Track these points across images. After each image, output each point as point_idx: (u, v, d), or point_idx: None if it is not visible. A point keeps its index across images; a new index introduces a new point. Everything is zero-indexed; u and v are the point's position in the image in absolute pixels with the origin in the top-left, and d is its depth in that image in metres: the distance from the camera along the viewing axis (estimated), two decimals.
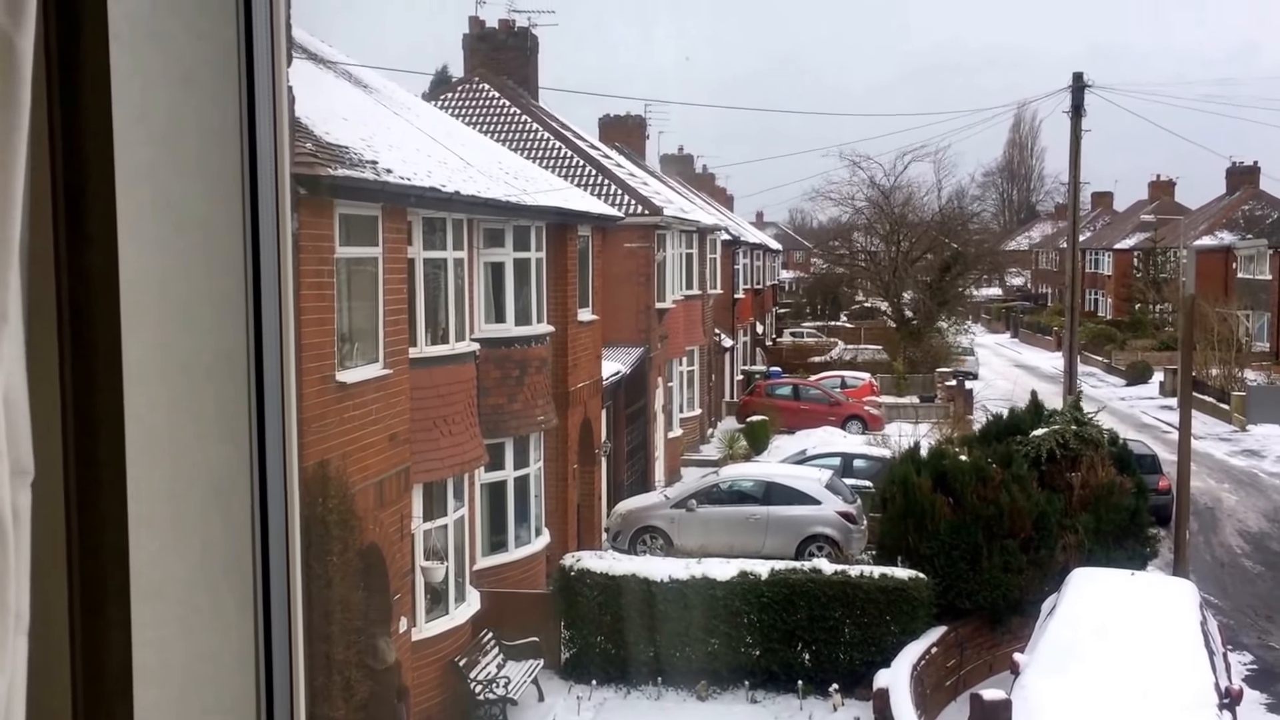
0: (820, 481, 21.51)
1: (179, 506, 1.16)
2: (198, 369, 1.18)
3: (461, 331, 15.21)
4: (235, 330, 1.22)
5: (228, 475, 1.21)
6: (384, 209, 12.59)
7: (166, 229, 1.14)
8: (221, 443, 1.21)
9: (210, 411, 1.19)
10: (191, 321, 1.17)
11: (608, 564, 16.77)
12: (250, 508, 1.24)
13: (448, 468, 14.52)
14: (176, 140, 1.16)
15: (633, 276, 25.79)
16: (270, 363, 1.25)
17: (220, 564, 1.21)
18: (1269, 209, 69.32)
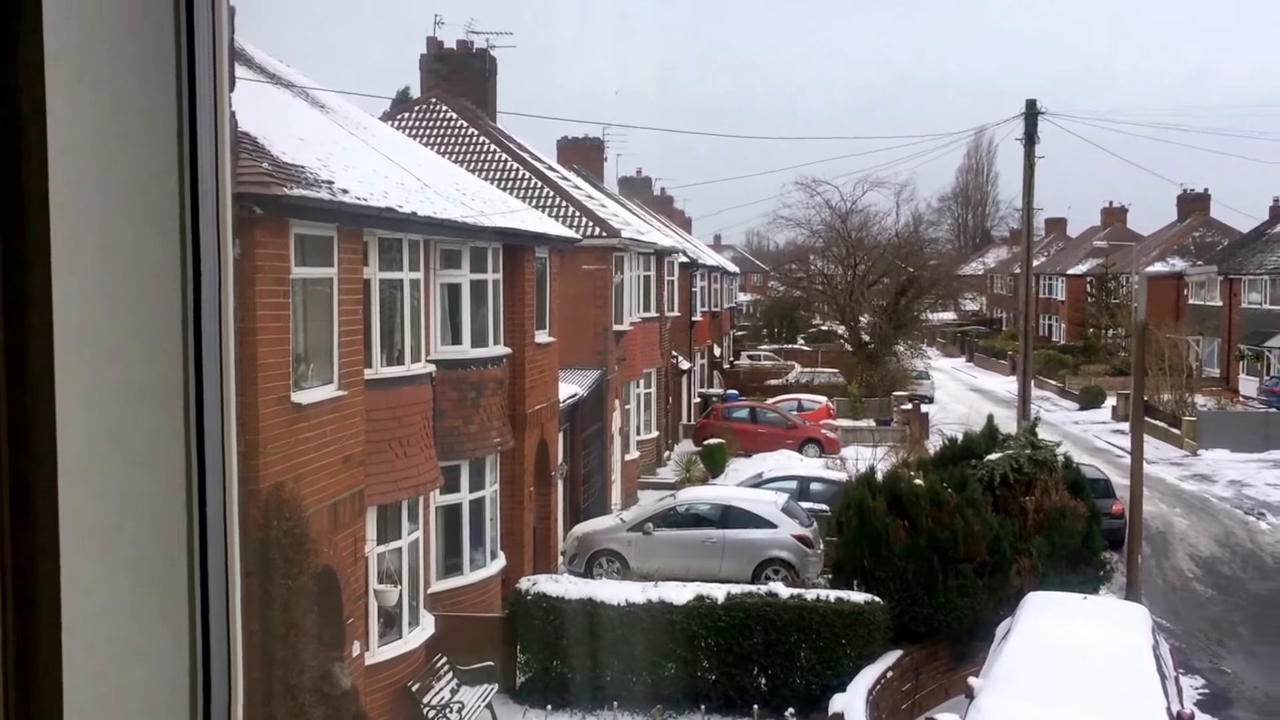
0: (777, 505, 21.55)
1: (112, 536, 1.13)
2: (134, 396, 1.16)
3: (417, 353, 15.12)
4: (172, 357, 1.20)
5: (164, 504, 1.20)
6: (340, 229, 12.50)
7: (102, 255, 1.12)
8: (158, 471, 1.19)
9: (146, 439, 1.17)
10: (128, 349, 1.15)
11: (563, 587, 16.67)
12: (188, 537, 1.22)
13: (403, 490, 14.39)
14: (114, 166, 1.14)
15: (590, 298, 25.78)
16: (210, 388, 1.24)
17: (155, 595, 1.19)
18: (1219, 236, 70.60)
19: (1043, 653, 13.50)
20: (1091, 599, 16.30)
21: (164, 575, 1.20)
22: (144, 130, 1.18)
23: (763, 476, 26.38)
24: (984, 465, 19.66)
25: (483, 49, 28.61)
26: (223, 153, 1.27)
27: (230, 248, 1.31)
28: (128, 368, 1.15)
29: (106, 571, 1.12)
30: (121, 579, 1.14)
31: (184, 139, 1.21)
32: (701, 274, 47.31)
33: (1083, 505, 19.22)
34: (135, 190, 1.17)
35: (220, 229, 1.27)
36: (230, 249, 1.31)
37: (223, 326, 1.27)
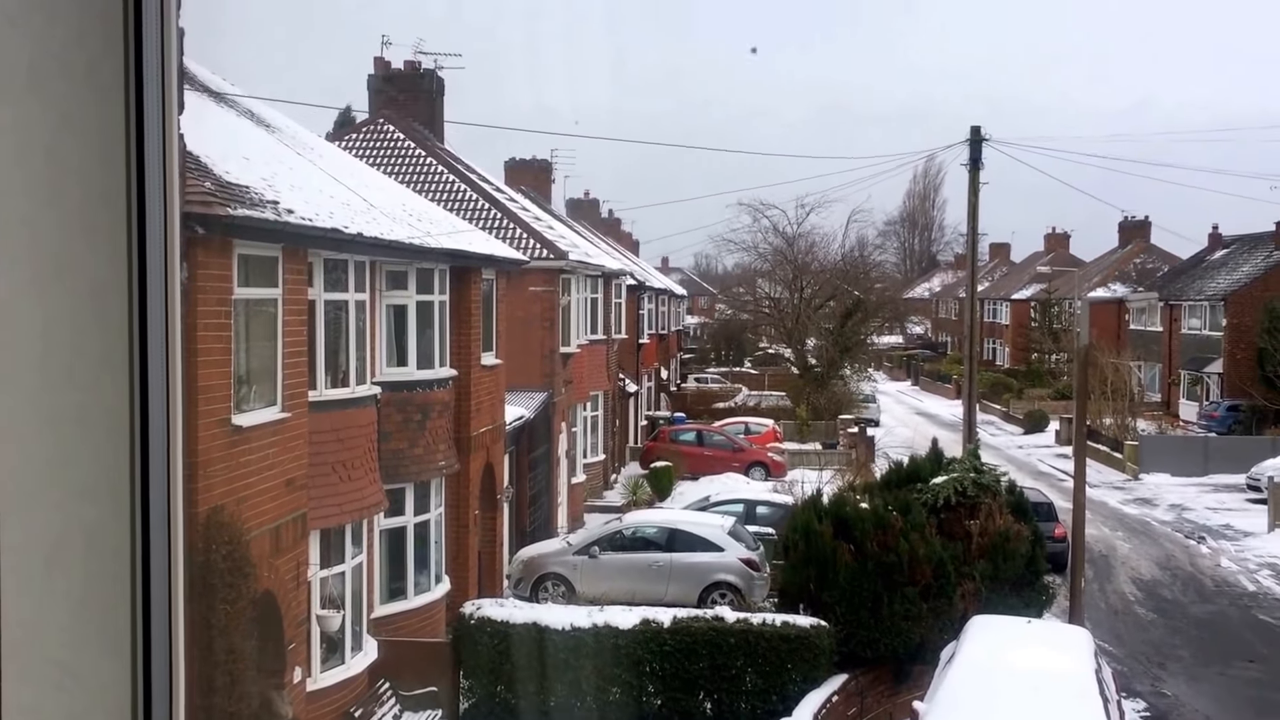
0: (723, 528, 21.54)
1: (51, 566, 1.11)
2: (77, 423, 1.14)
3: (362, 375, 14.96)
4: (118, 382, 1.18)
5: (106, 532, 1.17)
6: (284, 250, 12.35)
7: (46, 279, 1.10)
8: (101, 499, 1.17)
9: (89, 466, 1.15)
10: (71, 374, 1.13)
11: (508, 612, 16.52)
12: (131, 565, 1.20)
13: (346, 513, 14.20)
14: (58, 189, 1.12)
15: (537, 320, 25.72)
16: (156, 413, 1.22)
17: (96, 624, 1.16)
18: (1160, 262, 72.01)
19: (986, 677, 13.57)
20: (1035, 622, 16.44)
21: (105, 604, 1.18)
22: (93, 150, 1.16)
23: (709, 500, 26.38)
24: (929, 489, 19.81)
25: (430, 70, 28.53)
26: (171, 174, 1.26)
27: (178, 270, 1.30)
28: (71, 394, 1.13)
29: (44, 602, 1.10)
30: (59, 609, 1.12)
31: (131, 160, 1.20)
32: (649, 296, 47.40)
33: (1026, 529, 19.41)
34: (82, 210, 1.15)
35: (168, 252, 1.26)
36: (178, 271, 1.30)
37: (170, 351, 1.26)
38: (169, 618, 1.27)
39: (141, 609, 1.21)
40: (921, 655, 17.13)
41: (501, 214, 26.29)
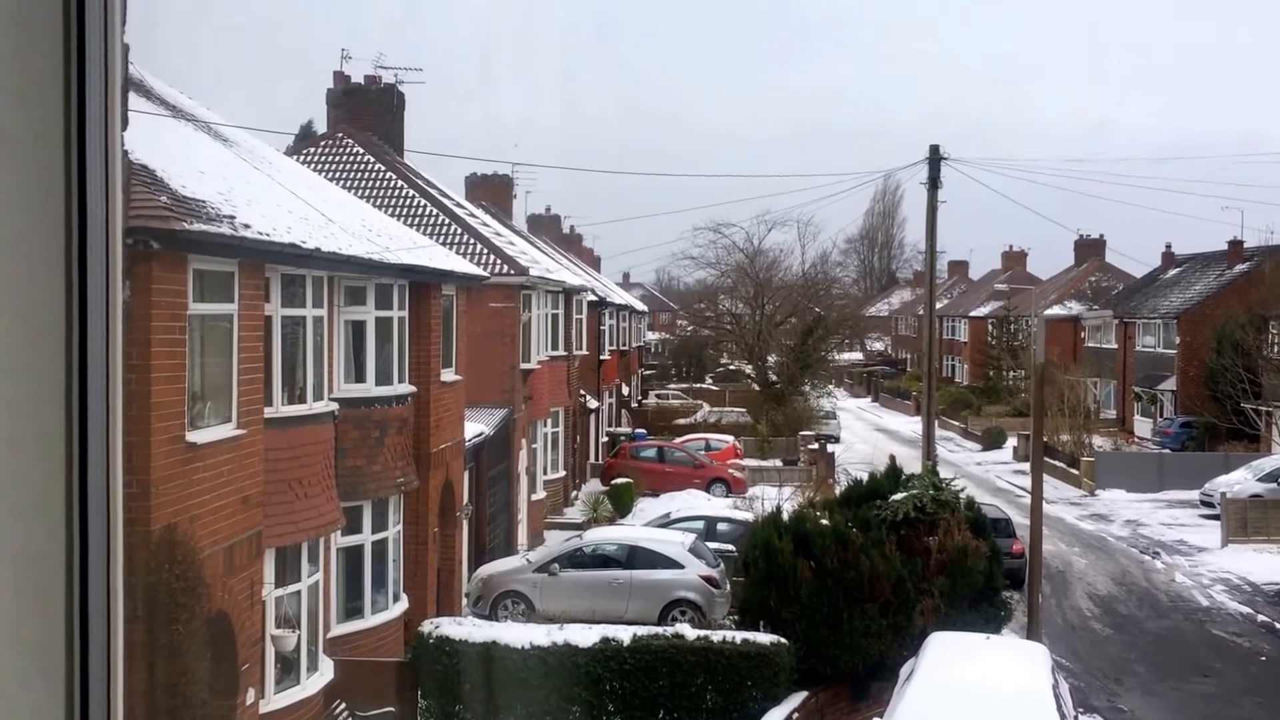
0: (684, 545, 21.51)
1: None
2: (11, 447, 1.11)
3: (320, 391, 14.81)
4: (55, 406, 1.15)
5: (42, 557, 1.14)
6: (241, 265, 12.22)
7: None
8: (35, 524, 1.13)
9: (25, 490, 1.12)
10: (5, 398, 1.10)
11: (467, 630, 16.39)
12: (67, 590, 1.16)
13: (302, 531, 14.03)
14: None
15: (498, 336, 25.61)
16: (95, 434, 1.18)
17: (30, 652, 1.12)
18: (1114, 280, 72.97)
19: (945, 693, 13.61)
20: (993, 638, 16.51)
21: (40, 631, 1.15)
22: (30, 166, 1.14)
23: (670, 516, 26.34)
24: (888, 505, 19.88)
25: (391, 84, 28.42)
26: (114, 190, 1.23)
27: (120, 288, 1.26)
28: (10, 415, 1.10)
29: None
30: None
31: (73, 176, 1.17)
32: (610, 312, 47.39)
33: (984, 545, 19.52)
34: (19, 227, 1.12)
35: (110, 269, 1.22)
36: (120, 290, 1.26)
37: (110, 370, 1.21)
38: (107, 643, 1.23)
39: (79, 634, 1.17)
40: (881, 672, 17.16)
41: (462, 229, 26.20)
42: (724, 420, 53.68)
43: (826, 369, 60.41)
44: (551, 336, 30.90)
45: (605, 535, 23.16)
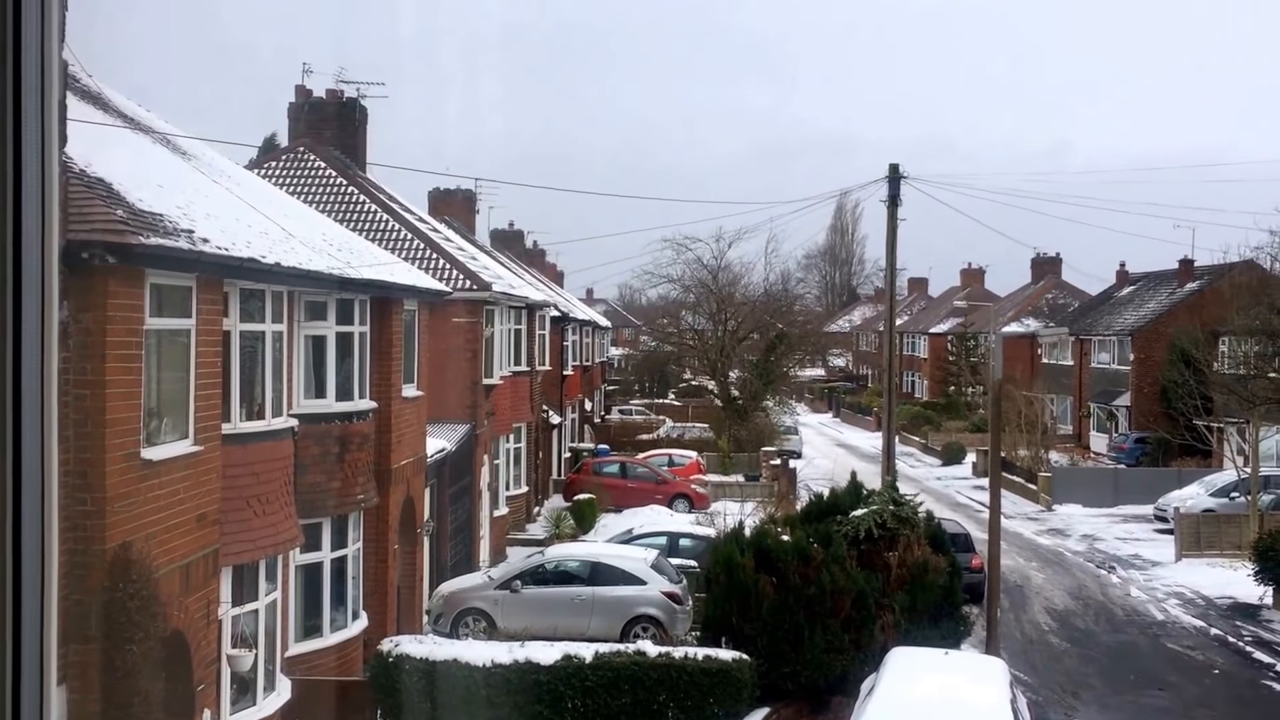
0: (646, 561, 21.49)
1: None
2: None
3: (279, 407, 14.67)
4: None
5: None
6: (199, 279, 12.09)
7: None
8: None
9: None
10: None
11: (428, 648, 16.27)
12: None
13: (260, 549, 13.88)
14: None
15: (460, 352, 25.51)
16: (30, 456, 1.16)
17: None
18: (1070, 298, 73.87)
19: (906, 709, 13.66)
20: (953, 653, 16.60)
21: None
22: None
23: (633, 532, 26.31)
24: (849, 521, 19.98)
25: (353, 98, 28.30)
26: (50, 209, 1.20)
27: (55, 310, 1.24)
28: None
29: None
30: None
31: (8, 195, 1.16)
32: (573, 328, 47.35)
33: (944, 560, 19.65)
34: None
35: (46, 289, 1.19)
36: (56, 311, 1.24)
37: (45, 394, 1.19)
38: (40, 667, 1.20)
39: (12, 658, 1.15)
40: (842, 687, 17.21)
41: (424, 244, 26.10)
42: (687, 436, 53.74)
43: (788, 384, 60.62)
44: (514, 352, 30.83)
45: (567, 551, 23.10)
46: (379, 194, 27.78)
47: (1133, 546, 34.70)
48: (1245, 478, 33.94)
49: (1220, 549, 31.79)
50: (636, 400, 72.12)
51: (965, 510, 39.64)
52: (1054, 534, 37.05)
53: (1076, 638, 24.19)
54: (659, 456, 43.19)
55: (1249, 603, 26.88)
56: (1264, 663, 22.35)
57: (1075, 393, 60.34)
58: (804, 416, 75.05)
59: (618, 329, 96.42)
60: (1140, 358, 52.98)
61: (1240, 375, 33.33)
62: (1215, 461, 41.68)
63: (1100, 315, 61.60)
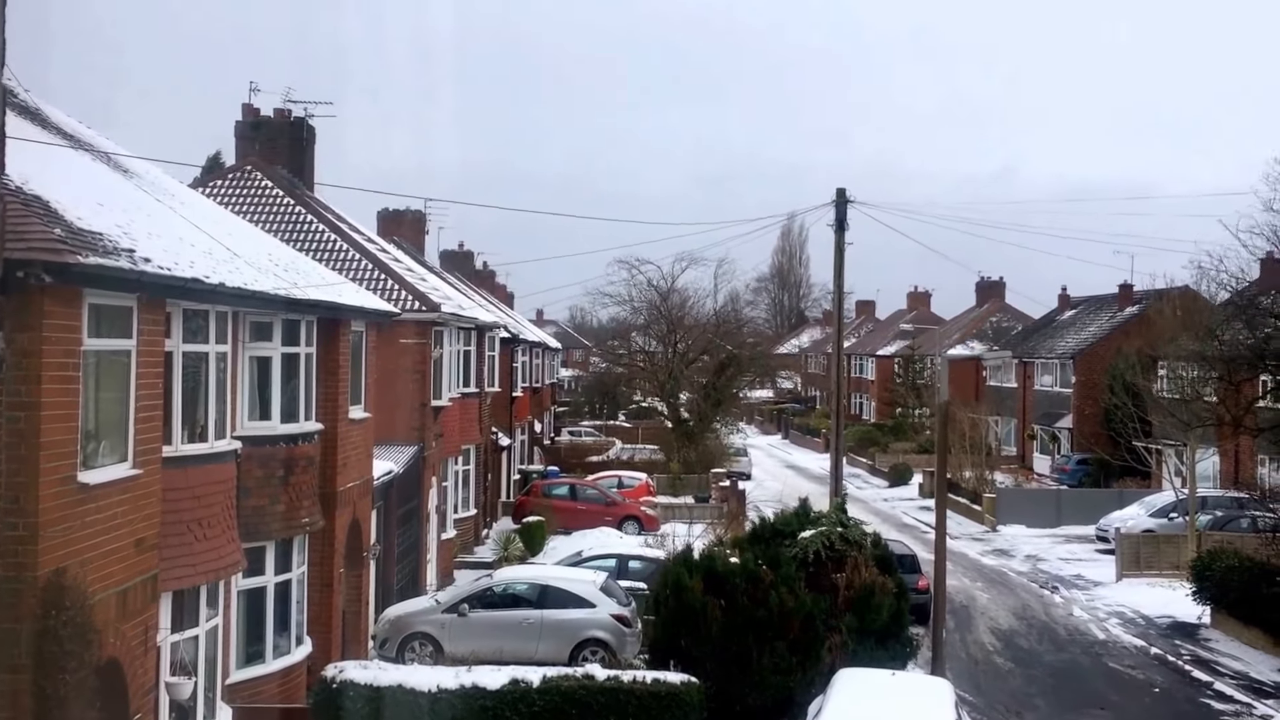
0: (595, 584, 21.41)
1: None
2: None
3: (222, 429, 14.46)
4: None
5: None
6: (140, 299, 11.90)
7: None
8: None
9: None
10: None
11: (373, 674, 16.03)
12: None
13: (201, 574, 13.64)
14: None
15: (408, 373, 25.33)
16: None
17: None
18: (1014, 321, 74.88)
19: None
20: (899, 674, 16.68)
21: None
22: None
23: (582, 555, 26.21)
24: (798, 543, 20.05)
25: (301, 117, 28.11)
26: None
27: None
28: None
29: None
30: None
31: None
32: (523, 349, 47.21)
33: (891, 582, 19.77)
34: None
35: None
36: None
37: None
38: None
39: None
40: (790, 709, 17.21)
41: (373, 265, 25.92)
42: (637, 457, 53.70)
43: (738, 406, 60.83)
44: (463, 373, 30.66)
45: (516, 574, 22.95)
46: (327, 214, 27.58)
47: (1075, 566, 35.14)
48: (1183, 499, 34.51)
49: (1160, 569, 32.28)
50: (587, 422, 71.99)
51: (912, 531, 39.92)
52: (998, 554, 37.41)
53: (1020, 658, 24.41)
54: (609, 478, 43.11)
55: (1188, 622, 27.29)
56: (1202, 681, 22.68)
57: (1019, 414, 61.10)
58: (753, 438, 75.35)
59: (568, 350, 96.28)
60: (1081, 380, 53.78)
61: (1177, 399, 33.92)
62: (1154, 483, 42.34)
63: (1043, 338, 62.47)
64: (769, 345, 79.67)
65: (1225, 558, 26.49)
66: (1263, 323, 25.73)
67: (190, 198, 19.21)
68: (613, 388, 73.67)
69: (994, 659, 24.25)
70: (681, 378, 54.36)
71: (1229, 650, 25.02)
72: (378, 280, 25.34)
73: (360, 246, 26.61)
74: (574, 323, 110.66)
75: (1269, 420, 26.34)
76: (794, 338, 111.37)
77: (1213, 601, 26.64)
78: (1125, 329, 53.09)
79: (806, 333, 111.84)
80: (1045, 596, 30.85)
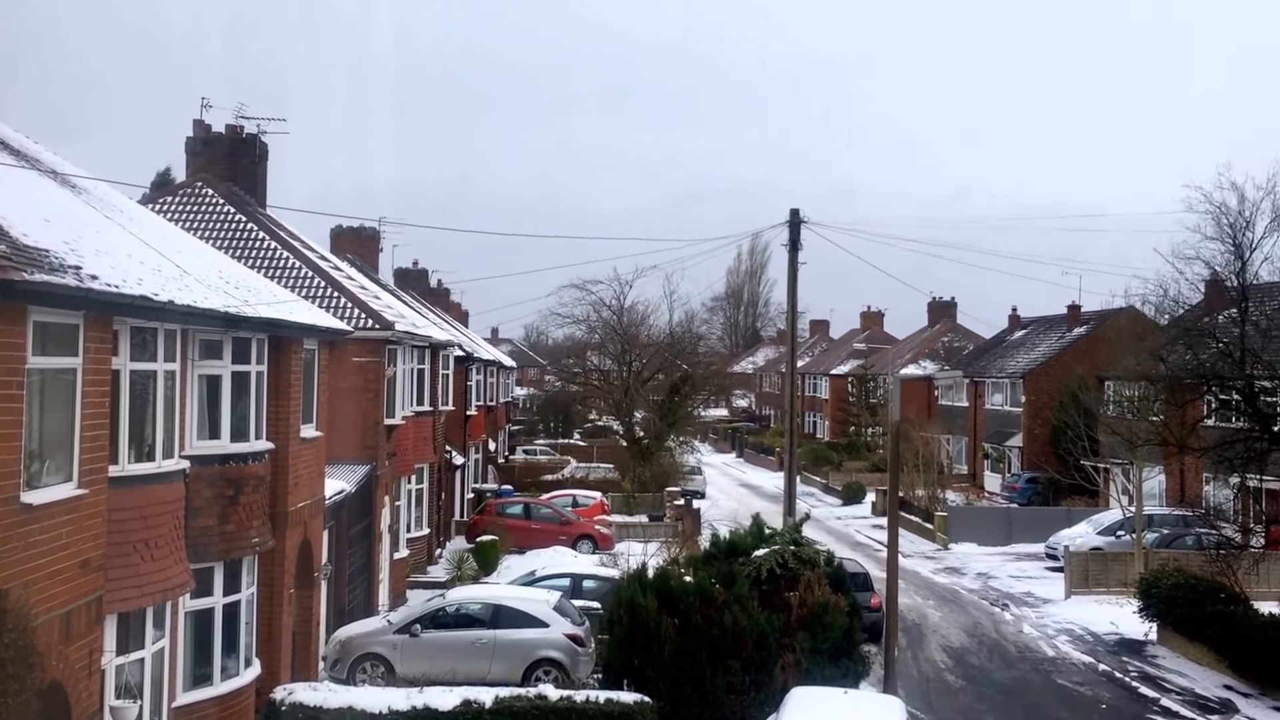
0: (549, 603, 21.34)
1: None
2: None
3: (170, 448, 14.28)
4: None
5: None
6: (87, 317, 11.76)
7: None
8: None
9: None
10: None
11: (322, 695, 15.90)
12: None
13: (147, 595, 13.43)
14: None
15: (361, 392, 25.16)
16: None
17: None
18: (965, 341, 75.70)
19: None
20: (851, 693, 16.75)
21: None
22: None
23: (536, 574, 26.12)
24: (751, 561, 20.11)
25: (253, 134, 27.91)
26: None
27: None
28: None
29: None
30: None
31: None
32: (477, 368, 47.04)
33: (844, 600, 19.87)
34: None
35: None
36: None
37: None
38: None
39: None
40: None
41: (325, 282, 25.75)
42: (591, 476, 53.62)
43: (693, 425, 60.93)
44: (417, 392, 30.50)
45: (469, 594, 22.82)
46: (279, 230, 27.38)
47: (1025, 584, 35.49)
48: (1130, 517, 35.00)
49: (1108, 586, 32.70)
50: (541, 440, 71.80)
51: (865, 549, 40.15)
52: (950, 572, 37.70)
53: (971, 675, 24.60)
54: (563, 497, 43.00)
55: (1135, 638, 27.65)
56: (1149, 697, 22.97)
57: (970, 433, 61.71)
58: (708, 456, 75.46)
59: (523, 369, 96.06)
60: (1031, 400, 54.45)
61: (1124, 418, 34.44)
62: (1102, 501, 42.92)
63: (993, 358, 63.20)
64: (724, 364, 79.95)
65: (1171, 575, 26.89)
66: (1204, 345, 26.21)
67: (139, 214, 19.00)
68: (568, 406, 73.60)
69: (945, 676, 24.42)
70: (636, 396, 54.41)
71: (1175, 666, 25.37)
72: (331, 298, 25.18)
73: (313, 264, 26.43)
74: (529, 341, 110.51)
75: (1212, 440, 26.80)
76: (749, 356, 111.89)
77: (1159, 618, 27.01)
78: (1074, 349, 53.89)
79: (761, 351, 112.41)
80: (996, 614, 31.13)
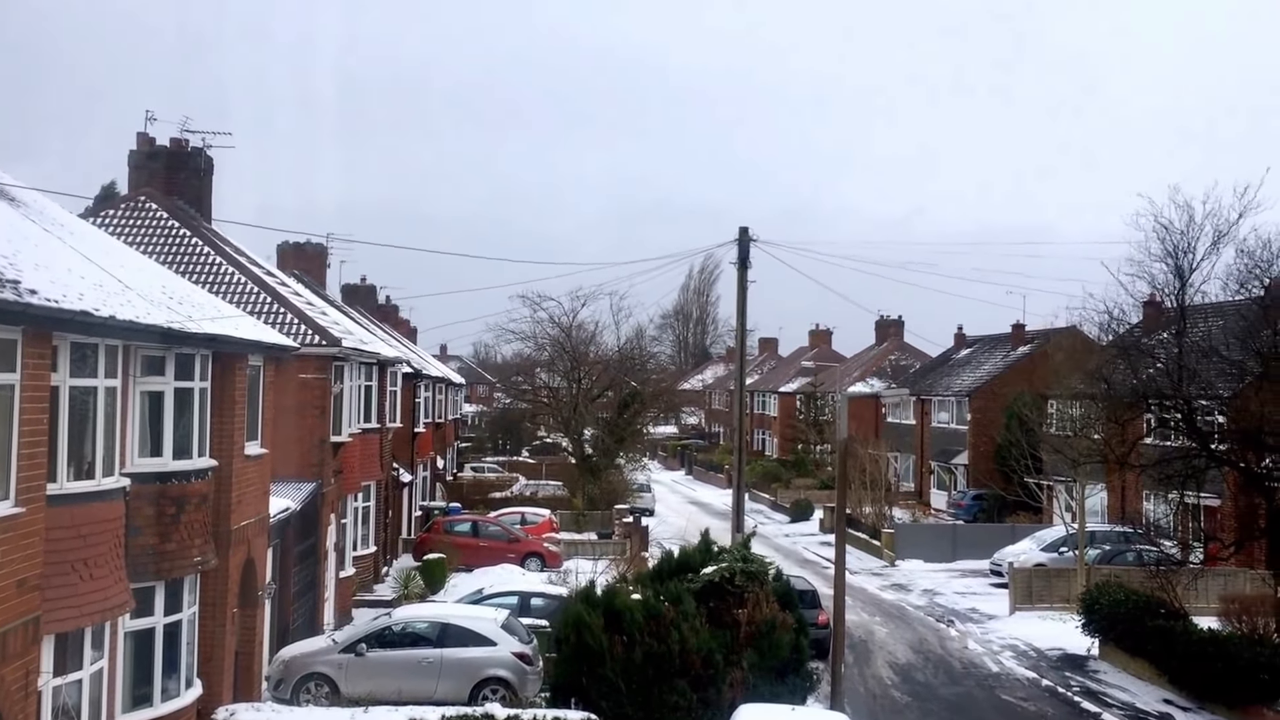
0: (496, 622, 21.23)
1: None
2: None
3: (110, 466, 14.07)
4: None
5: None
6: (25, 333, 11.58)
7: None
8: None
9: None
10: None
11: (265, 716, 15.72)
12: None
13: (86, 615, 13.21)
14: None
15: (307, 408, 24.94)
16: None
17: None
18: (912, 359, 76.49)
19: None
20: (799, 710, 16.81)
21: None
22: None
23: (483, 592, 25.98)
24: (700, 578, 20.14)
25: (199, 147, 27.63)
26: None
27: None
28: None
29: None
30: None
31: None
32: (426, 384, 46.79)
33: (791, 617, 19.95)
34: None
35: None
36: None
37: None
38: None
39: None
40: None
41: (271, 298, 25.51)
42: (540, 493, 53.48)
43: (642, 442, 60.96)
44: (364, 409, 30.27)
45: (415, 613, 22.65)
46: (225, 246, 27.10)
47: (970, 600, 35.86)
48: (1073, 533, 35.50)
49: (1051, 602, 33.11)
50: (490, 458, 71.50)
51: (813, 566, 40.36)
52: (897, 589, 38.00)
53: (917, 691, 24.79)
54: (512, 515, 42.86)
55: (1077, 654, 28.02)
56: (1090, 712, 23.27)
57: (917, 451, 62.32)
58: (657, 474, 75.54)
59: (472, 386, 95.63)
60: (976, 418, 55.11)
61: (1066, 436, 34.97)
62: (1046, 518, 43.49)
63: (939, 376, 63.91)
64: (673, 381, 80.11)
65: (1112, 591, 27.30)
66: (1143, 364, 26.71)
67: (81, 228, 18.74)
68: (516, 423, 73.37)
69: (891, 693, 24.59)
70: (585, 413, 54.36)
71: (1116, 681, 25.74)
72: (277, 314, 24.95)
73: (259, 279, 26.19)
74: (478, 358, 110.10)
75: (1152, 457, 27.29)
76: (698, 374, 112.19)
77: (1101, 634, 27.40)
78: (1018, 367, 54.63)
79: (710, 369, 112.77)
80: (941, 630, 31.41)
